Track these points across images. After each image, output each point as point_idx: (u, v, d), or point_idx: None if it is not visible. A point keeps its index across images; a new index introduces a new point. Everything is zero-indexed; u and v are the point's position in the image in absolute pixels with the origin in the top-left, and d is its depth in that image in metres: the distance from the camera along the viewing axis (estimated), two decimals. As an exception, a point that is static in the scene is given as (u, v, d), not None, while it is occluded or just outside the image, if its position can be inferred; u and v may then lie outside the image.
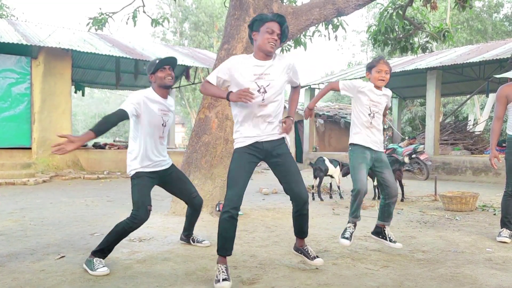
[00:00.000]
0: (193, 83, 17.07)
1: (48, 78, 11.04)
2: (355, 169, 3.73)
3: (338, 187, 7.72)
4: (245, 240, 4.27)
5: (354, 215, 3.81)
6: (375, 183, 7.35)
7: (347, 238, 3.73)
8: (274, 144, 3.11)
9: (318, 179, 7.41)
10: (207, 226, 4.85)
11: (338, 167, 7.57)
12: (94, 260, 3.22)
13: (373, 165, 3.81)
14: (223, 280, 2.86)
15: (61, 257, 3.57)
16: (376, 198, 7.26)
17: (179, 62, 13.00)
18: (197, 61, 13.95)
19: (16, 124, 10.81)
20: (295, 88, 3.40)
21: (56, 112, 11.15)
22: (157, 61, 3.43)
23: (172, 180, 3.67)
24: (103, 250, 3.30)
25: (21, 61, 10.89)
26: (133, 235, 4.34)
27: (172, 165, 3.69)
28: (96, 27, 8.09)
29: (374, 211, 6.11)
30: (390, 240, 3.89)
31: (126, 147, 13.43)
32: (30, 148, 10.96)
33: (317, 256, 3.29)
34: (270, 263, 3.49)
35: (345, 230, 3.80)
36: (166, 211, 5.64)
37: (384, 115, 3.99)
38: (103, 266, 3.18)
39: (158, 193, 7.98)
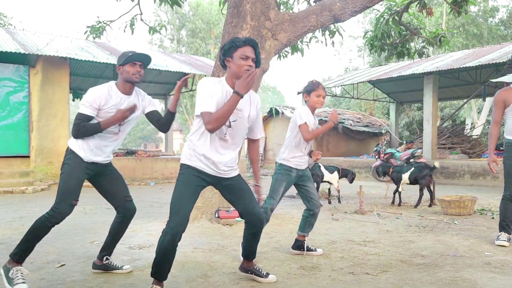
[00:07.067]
0: (190, 90, 17.11)
1: (46, 86, 11.05)
2: (276, 185, 3.89)
3: (338, 190, 7.76)
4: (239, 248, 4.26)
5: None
6: (400, 189, 7.40)
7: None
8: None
9: (315, 184, 7.43)
10: (206, 232, 4.85)
11: (335, 173, 7.60)
12: (14, 271, 2.96)
13: (298, 180, 3.97)
14: None
15: (61, 266, 3.58)
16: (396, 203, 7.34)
17: (176, 69, 13.08)
18: (194, 68, 13.99)
19: (14, 132, 10.80)
20: (254, 141, 3.13)
21: (54, 120, 11.14)
22: (130, 53, 3.16)
23: (108, 179, 3.30)
24: (22, 252, 3.03)
25: (19, 70, 10.90)
26: (133, 242, 4.35)
27: (111, 162, 3.36)
28: (94, 35, 8.12)
29: (373, 216, 6.12)
30: (312, 250, 4.01)
31: (124, 154, 13.42)
32: (28, 157, 10.93)
33: (269, 274, 3.20)
34: (270, 269, 3.50)
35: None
36: (166, 218, 5.62)
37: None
38: (23, 282, 2.92)
39: (157, 201, 8.02)
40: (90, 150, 3.11)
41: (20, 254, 3.04)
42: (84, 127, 3.03)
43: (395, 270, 3.48)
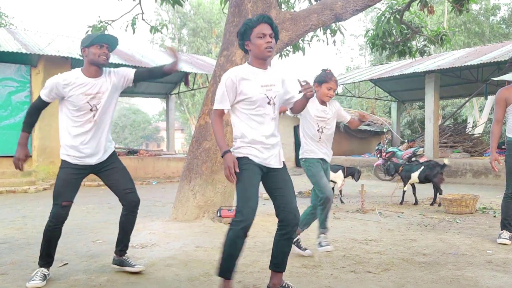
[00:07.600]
0: (192, 89, 17.12)
1: (48, 86, 11.07)
2: (316, 177, 3.74)
3: (340, 191, 7.75)
4: (247, 245, 4.26)
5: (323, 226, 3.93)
6: (405, 188, 7.38)
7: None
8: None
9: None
10: (209, 231, 4.86)
11: (339, 172, 7.56)
12: (36, 271, 3.11)
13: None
14: None
15: (64, 265, 3.59)
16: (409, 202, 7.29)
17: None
18: (196, 67, 14.00)
19: (16, 132, 10.73)
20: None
21: (56, 119, 10.87)
22: (96, 35, 3.13)
23: (107, 173, 3.31)
24: (42, 257, 3.18)
25: (21, 70, 10.93)
26: (135, 241, 4.36)
27: (112, 155, 3.34)
28: (96, 35, 8.12)
29: (375, 215, 6.13)
30: (300, 248, 3.92)
31: (126, 153, 13.45)
32: (30, 156, 10.97)
33: None
34: (272, 267, 3.50)
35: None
36: (168, 217, 5.65)
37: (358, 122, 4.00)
38: (39, 279, 3.03)
39: (159, 200, 8.05)
40: (77, 152, 3.18)
41: (42, 259, 3.19)
42: (30, 107, 3.27)
43: (396, 269, 3.48)
